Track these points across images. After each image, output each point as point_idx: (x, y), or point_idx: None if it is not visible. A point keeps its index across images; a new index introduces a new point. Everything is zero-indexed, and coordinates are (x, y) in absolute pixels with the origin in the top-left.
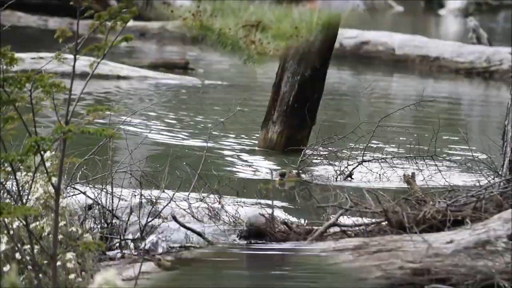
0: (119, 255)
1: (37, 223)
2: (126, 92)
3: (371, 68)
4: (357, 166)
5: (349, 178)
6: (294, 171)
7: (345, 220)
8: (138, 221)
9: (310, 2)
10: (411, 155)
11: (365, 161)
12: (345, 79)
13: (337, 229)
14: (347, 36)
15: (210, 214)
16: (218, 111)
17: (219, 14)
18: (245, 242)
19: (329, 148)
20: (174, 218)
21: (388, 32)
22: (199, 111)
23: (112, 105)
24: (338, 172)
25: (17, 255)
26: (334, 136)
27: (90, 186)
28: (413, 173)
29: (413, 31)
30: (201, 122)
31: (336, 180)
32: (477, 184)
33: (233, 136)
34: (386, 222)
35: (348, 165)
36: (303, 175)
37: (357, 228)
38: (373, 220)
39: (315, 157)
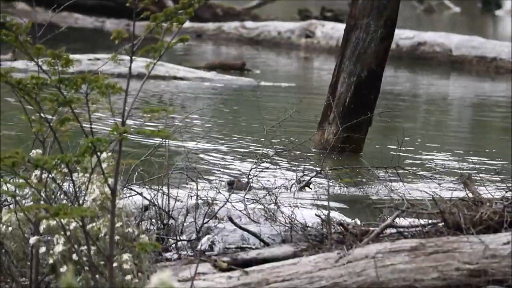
0: (175, 256)
1: (94, 224)
2: (183, 93)
3: (427, 69)
4: (315, 175)
5: (306, 188)
6: (244, 180)
7: (402, 221)
8: (194, 222)
9: None
10: (374, 166)
11: (322, 171)
12: (401, 80)
13: (393, 230)
14: (404, 37)
15: (266, 215)
16: (274, 111)
17: None
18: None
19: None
20: (230, 219)
21: (445, 33)
22: (255, 111)
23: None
24: (295, 181)
25: (74, 256)
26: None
27: (146, 187)
28: (469, 174)
29: (470, 32)
30: (256, 123)
31: (291, 190)
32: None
33: (289, 137)
34: (443, 223)
35: (304, 174)
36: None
37: (413, 229)
38: (430, 221)
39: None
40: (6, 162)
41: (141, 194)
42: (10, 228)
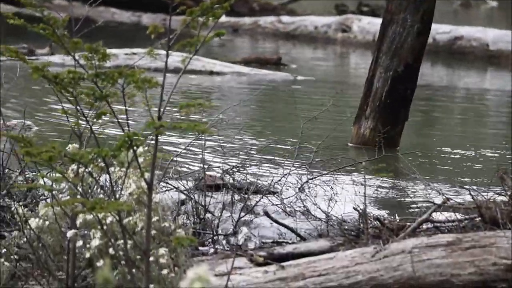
0: (211, 250)
1: (130, 218)
2: (219, 87)
3: (464, 64)
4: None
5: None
6: (218, 175)
7: (438, 216)
8: (231, 216)
9: None
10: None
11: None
12: (438, 75)
13: (430, 225)
14: (441, 32)
15: (303, 209)
16: (310, 106)
17: None
18: None
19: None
20: (267, 214)
21: (482, 28)
22: (291, 106)
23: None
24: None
25: (111, 250)
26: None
27: (183, 181)
28: (505, 169)
29: (508, 27)
30: (292, 117)
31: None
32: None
33: (325, 131)
34: (480, 218)
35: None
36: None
37: (450, 224)
38: (466, 216)
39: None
40: (43, 156)
41: (177, 188)
42: (47, 222)
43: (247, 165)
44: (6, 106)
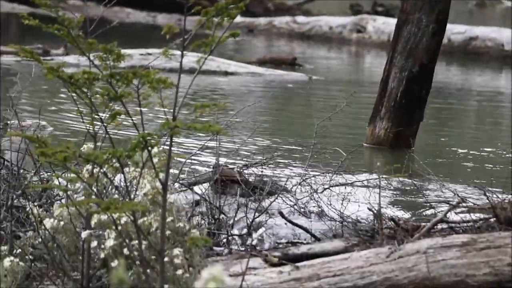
0: (226, 250)
1: (145, 218)
2: (234, 88)
3: (479, 64)
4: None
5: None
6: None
7: (453, 216)
8: (245, 217)
9: None
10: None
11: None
12: (453, 75)
13: (444, 225)
14: (456, 32)
15: (317, 210)
16: (325, 106)
17: None
18: None
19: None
20: (281, 214)
21: (497, 28)
22: (306, 106)
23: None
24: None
25: (125, 251)
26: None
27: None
28: None
29: None
30: (307, 118)
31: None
32: None
33: (340, 131)
34: (495, 218)
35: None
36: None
37: (465, 224)
38: (481, 217)
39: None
40: (58, 156)
41: (192, 188)
42: (62, 223)
43: (263, 162)
44: (21, 107)
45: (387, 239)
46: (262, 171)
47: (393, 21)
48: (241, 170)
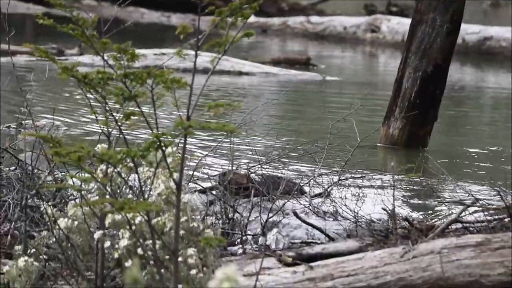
0: (240, 250)
1: (159, 218)
2: (248, 88)
3: (493, 64)
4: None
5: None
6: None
7: (467, 216)
8: (259, 216)
9: None
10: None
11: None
12: (467, 75)
13: (459, 225)
14: (470, 32)
15: (331, 210)
16: (339, 106)
17: None
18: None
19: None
20: (295, 214)
21: None
22: (320, 106)
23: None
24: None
25: (139, 251)
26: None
27: (211, 181)
28: None
29: None
30: (321, 118)
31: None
32: None
33: (354, 132)
34: (509, 218)
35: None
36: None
37: (479, 224)
38: (496, 217)
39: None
40: (72, 156)
41: (206, 188)
42: (76, 223)
43: (276, 160)
44: (36, 108)
45: (401, 239)
46: (282, 170)
47: (407, 21)
48: (253, 172)
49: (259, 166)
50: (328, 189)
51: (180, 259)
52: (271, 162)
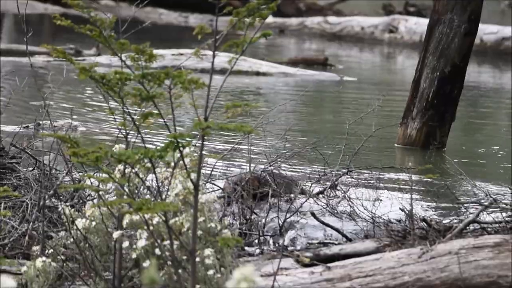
0: (257, 251)
1: (177, 219)
2: (265, 88)
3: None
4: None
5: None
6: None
7: (485, 217)
8: (277, 217)
9: None
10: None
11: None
12: (485, 75)
13: (476, 226)
14: (488, 32)
15: (349, 210)
16: (357, 106)
17: None
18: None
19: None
20: (313, 215)
21: None
22: (338, 106)
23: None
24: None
25: (157, 251)
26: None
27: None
28: None
29: None
30: (339, 118)
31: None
32: None
33: (372, 132)
34: None
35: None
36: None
37: (497, 225)
38: None
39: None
40: (90, 157)
41: (223, 189)
42: (93, 223)
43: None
44: (53, 108)
45: (419, 240)
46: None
47: (425, 21)
48: (269, 172)
49: (274, 166)
50: (336, 182)
51: (197, 259)
52: (285, 161)
